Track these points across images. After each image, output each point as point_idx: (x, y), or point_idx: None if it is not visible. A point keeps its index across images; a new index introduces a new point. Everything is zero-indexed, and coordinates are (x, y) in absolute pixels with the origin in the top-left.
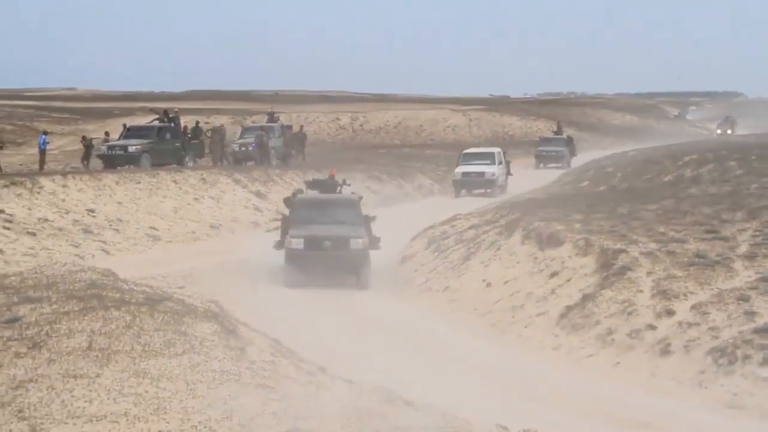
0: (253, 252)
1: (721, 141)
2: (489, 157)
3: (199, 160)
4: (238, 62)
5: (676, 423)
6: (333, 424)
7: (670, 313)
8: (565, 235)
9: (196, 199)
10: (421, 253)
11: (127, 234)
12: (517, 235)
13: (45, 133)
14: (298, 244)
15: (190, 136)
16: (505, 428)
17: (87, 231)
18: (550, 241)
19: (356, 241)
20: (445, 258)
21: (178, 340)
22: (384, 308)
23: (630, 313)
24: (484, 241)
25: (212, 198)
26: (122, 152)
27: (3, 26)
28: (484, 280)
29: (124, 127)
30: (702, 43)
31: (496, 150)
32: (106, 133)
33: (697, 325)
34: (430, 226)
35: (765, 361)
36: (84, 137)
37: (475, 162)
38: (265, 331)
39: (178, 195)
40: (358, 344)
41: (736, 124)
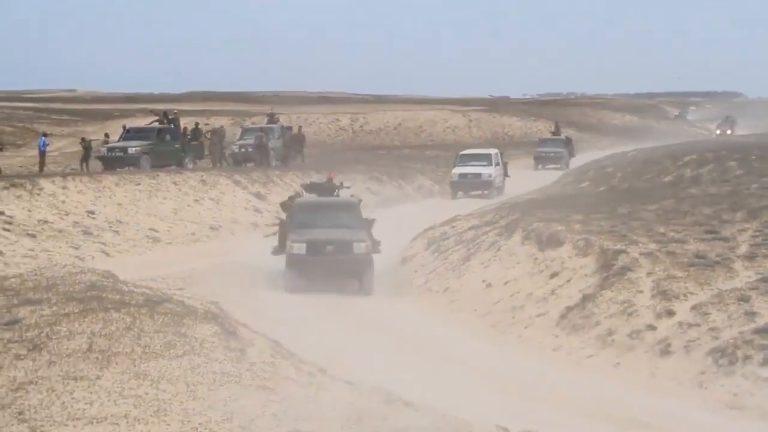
0: (253, 253)
1: (720, 141)
2: (486, 159)
3: (198, 162)
4: (238, 63)
5: (677, 423)
6: (333, 426)
7: (671, 314)
8: (565, 235)
9: (196, 200)
10: (421, 254)
11: (127, 235)
12: (517, 236)
13: (45, 135)
14: (300, 249)
15: (189, 137)
16: (505, 429)
17: (87, 233)
18: (550, 242)
19: (359, 245)
20: (445, 259)
21: (179, 341)
22: (384, 309)
23: (630, 314)
24: (484, 241)
25: (212, 199)
26: (122, 154)
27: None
28: (484, 281)
29: (123, 128)
30: (701, 44)
31: (493, 151)
32: (106, 135)
33: (698, 325)
34: (430, 227)
35: (765, 362)
36: (83, 139)
37: (472, 163)
38: (264, 332)
39: (177, 196)
40: (357, 345)
41: (735, 125)
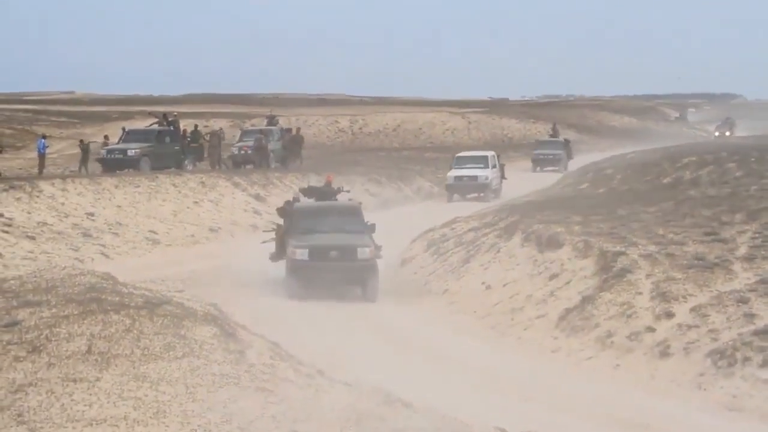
0: (253, 255)
1: (720, 143)
2: (482, 161)
3: (198, 164)
4: (237, 65)
5: (676, 425)
6: (332, 427)
7: (670, 316)
8: (564, 237)
9: (196, 202)
10: (421, 256)
11: (127, 237)
12: (517, 238)
13: (44, 137)
14: (302, 255)
15: (189, 139)
16: (504, 431)
17: (86, 235)
18: (550, 244)
19: (363, 250)
20: (445, 261)
21: (178, 343)
22: (383, 310)
23: (629, 316)
24: (484, 243)
25: (211, 201)
26: (121, 156)
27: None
28: (483, 283)
29: (123, 130)
30: (700, 45)
31: (489, 153)
32: (106, 137)
33: (697, 327)
34: (430, 229)
35: (764, 363)
36: (81, 141)
37: (469, 165)
38: (263, 333)
39: (177, 198)
40: (356, 346)
41: (735, 126)
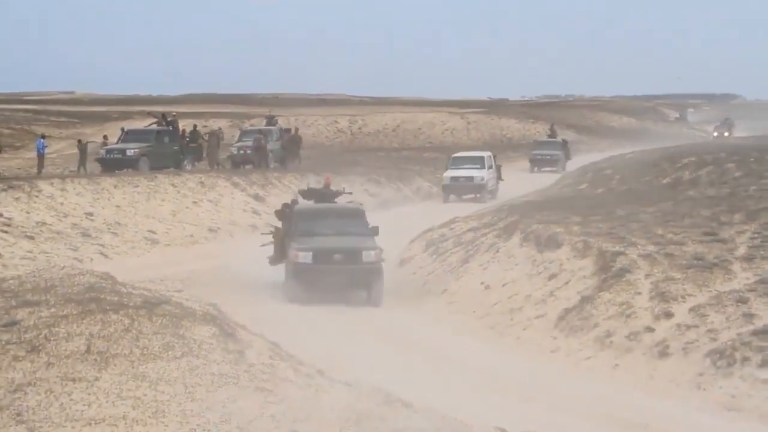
0: (252, 255)
1: (719, 143)
2: (479, 161)
3: (197, 164)
4: (237, 65)
5: (675, 425)
6: (332, 427)
7: (669, 316)
8: (563, 237)
9: (195, 202)
10: (420, 256)
11: (126, 237)
12: (516, 238)
13: (43, 137)
14: (306, 258)
15: (188, 139)
16: (504, 430)
17: (85, 234)
18: (549, 244)
19: (368, 253)
20: (444, 261)
21: (177, 343)
22: (382, 310)
23: (628, 316)
24: (483, 243)
25: (210, 201)
26: (120, 156)
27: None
28: (482, 283)
29: (122, 130)
30: (700, 46)
31: (486, 154)
32: (105, 137)
33: (696, 327)
34: (429, 229)
35: (763, 363)
36: (79, 141)
37: (465, 166)
38: (262, 331)
39: (176, 198)
40: (355, 346)
41: (734, 127)
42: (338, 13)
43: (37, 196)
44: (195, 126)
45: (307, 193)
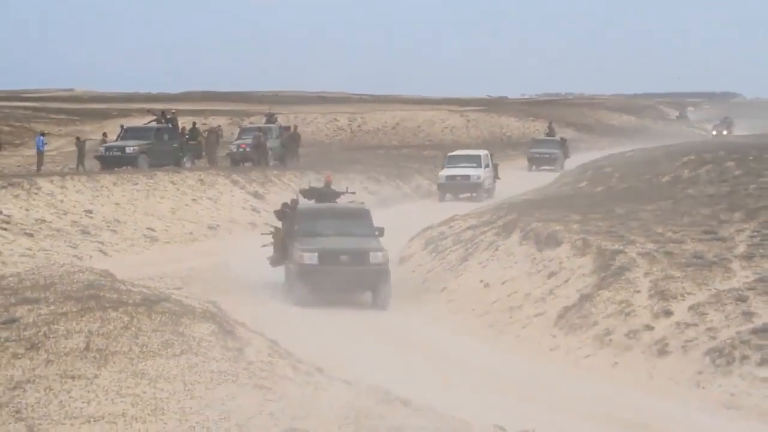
0: (252, 253)
1: (718, 142)
2: (475, 160)
3: (196, 161)
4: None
5: (674, 424)
6: (330, 425)
7: (668, 314)
8: (563, 235)
9: (194, 200)
10: (419, 254)
11: (125, 235)
12: (515, 236)
13: (43, 135)
14: (311, 259)
15: (187, 137)
16: (503, 429)
17: (85, 232)
18: (548, 242)
19: (375, 255)
20: (443, 259)
21: (176, 340)
22: (381, 309)
23: (628, 314)
24: (482, 241)
25: (210, 199)
26: (120, 153)
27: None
28: (481, 281)
29: (121, 128)
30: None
31: (482, 152)
32: (104, 134)
33: (695, 325)
34: (428, 227)
35: (763, 362)
36: (78, 138)
37: (461, 165)
38: (261, 330)
39: (175, 196)
40: (354, 344)
41: (733, 125)
42: (338, 13)
43: (36, 194)
44: (194, 123)
45: (308, 193)
